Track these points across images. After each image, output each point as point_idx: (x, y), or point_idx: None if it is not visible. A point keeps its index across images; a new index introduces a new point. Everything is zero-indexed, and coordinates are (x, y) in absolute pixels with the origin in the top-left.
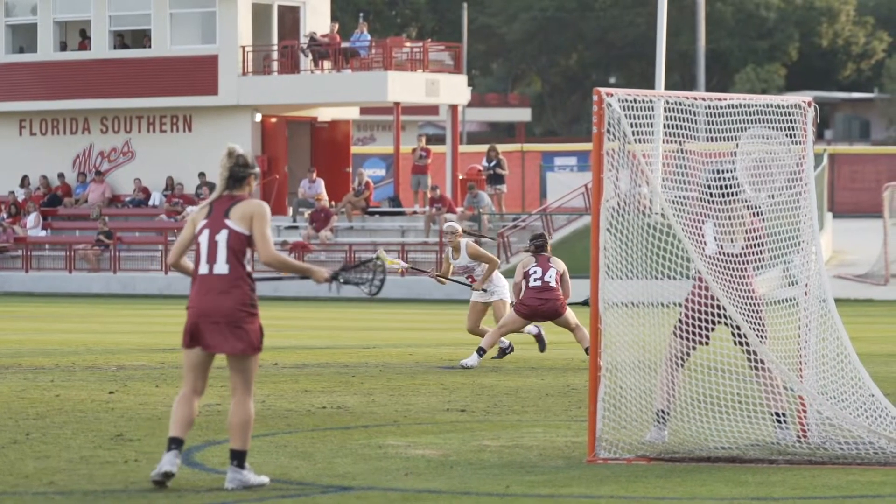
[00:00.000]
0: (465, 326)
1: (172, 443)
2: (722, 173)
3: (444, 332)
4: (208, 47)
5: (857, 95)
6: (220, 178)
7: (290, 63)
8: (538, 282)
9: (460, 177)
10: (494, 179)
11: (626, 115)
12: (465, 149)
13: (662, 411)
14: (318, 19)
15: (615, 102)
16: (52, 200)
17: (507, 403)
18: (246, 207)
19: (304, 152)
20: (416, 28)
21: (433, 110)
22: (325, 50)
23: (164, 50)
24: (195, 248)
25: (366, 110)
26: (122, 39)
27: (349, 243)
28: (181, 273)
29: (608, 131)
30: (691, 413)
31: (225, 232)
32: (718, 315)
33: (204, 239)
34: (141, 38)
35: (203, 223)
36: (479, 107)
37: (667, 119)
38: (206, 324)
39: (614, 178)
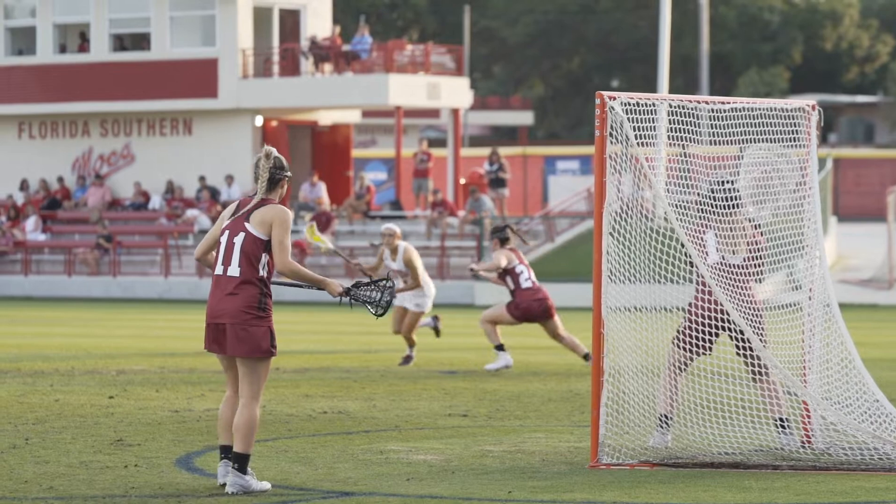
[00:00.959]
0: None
1: (222, 451)
2: (724, 184)
3: (445, 338)
4: (208, 50)
5: (862, 99)
6: (261, 181)
7: (290, 66)
8: (529, 282)
9: (462, 180)
10: (496, 183)
11: (628, 119)
12: (467, 152)
13: (665, 416)
14: (319, 22)
15: (618, 106)
16: (51, 204)
17: (509, 408)
18: (267, 213)
19: (305, 156)
20: (417, 31)
21: (435, 114)
22: (326, 53)
23: (163, 53)
24: (217, 247)
25: (367, 114)
26: (122, 42)
27: (350, 247)
28: (206, 266)
29: (611, 135)
30: (695, 418)
31: (242, 235)
32: (721, 326)
33: (224, 240)
34: (140, 41)
35: (226, 223)
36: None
37: (670, 122)
38: (217, 325)
39: (617, 181)
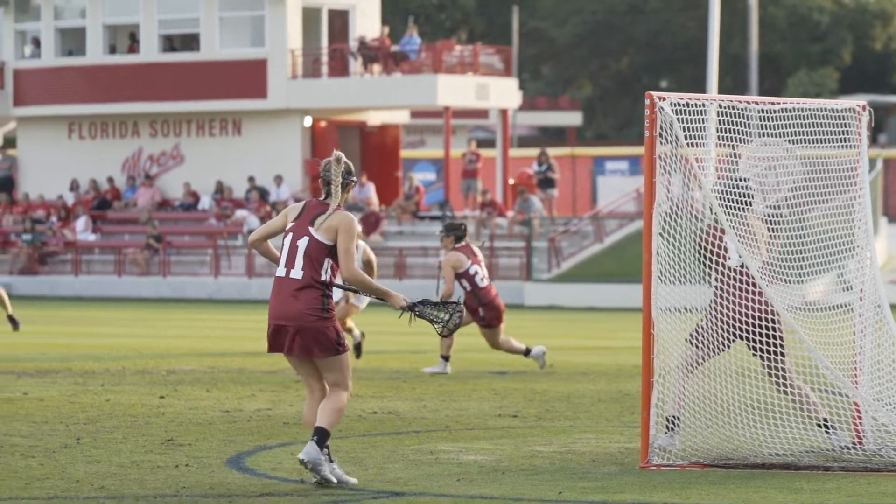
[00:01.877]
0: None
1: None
2: (736, 182)
3: None
4: (257, 50)
5: None
6: (334, 185)
7: (339, 66)
8: (485, 281)
9: (511, 181)
10: (545, 184)
11: (678, 119)
12: (516, 153)
13: (674, 417)
14: (367, 22)
15: (668, 106)
16: (101, 204)
17: (559, 409)
18: (334, 219)
19: (353, 156)
20: (465, 31)
21: (483, 114)
22: (374, 53)
23: (213, 53)
24: (281, 247)
25: (416, 114)
26: (171, 43)
27: (399, 247)
28: (260, 253)
29: (660, 135)
30: (746, 419)
31: (306, 239)
32: (739, 328)
33: (287, 242)
34: (190, 42)
35: (290, 225)
36: (529, 111)
37: (719, 123)
38: (280, 329)
39: (666, 182)
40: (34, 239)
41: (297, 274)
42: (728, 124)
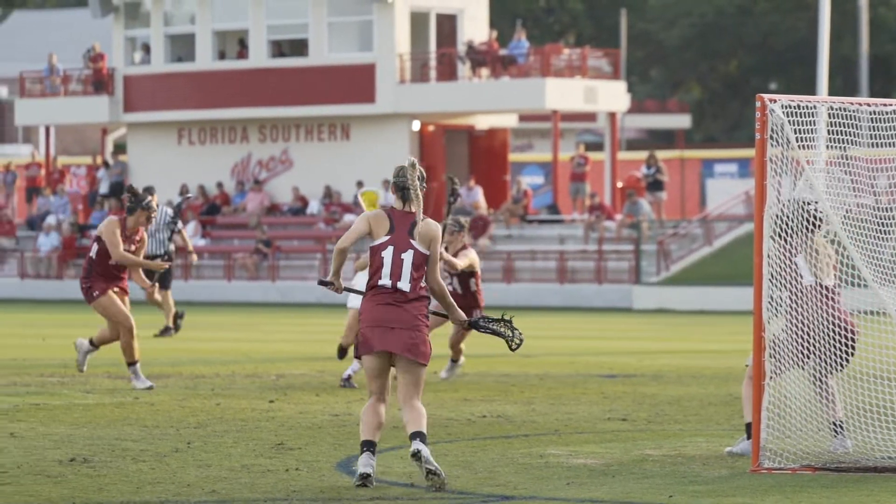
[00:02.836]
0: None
1: (365, 446)
2: (805, 205)
3: (605, 342)
4: (366, 55)
5: None
6: (414, 192)
7: (447, 71)
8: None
9: (619, 184)
10: (654, 187)
11: (788, 121)
12: (624, 156)
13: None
14: (475, 26)
15: (778, 108)
16: (210, 209)
17: (668, 413)
18: (427, 229)
19: (462, 160)
20: (574, 34)
21: (591, 117)
22: (482, 57)
23: (321, 58)
24: (374, 259)
25: (524, 118)
26: (280, 48)
27: (507, 251)
28: (337, 259)
29: (771, 137)
30: (858, 422)
31: (411, 252)
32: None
33: (388, 254)
34: (299, 47)
35: (387, 238)
36: (637, 113)
37: (830, 125)
38: (385, 329)
39: (777, 184)
40: None
41: (404, 286)
42: (838, 126)
